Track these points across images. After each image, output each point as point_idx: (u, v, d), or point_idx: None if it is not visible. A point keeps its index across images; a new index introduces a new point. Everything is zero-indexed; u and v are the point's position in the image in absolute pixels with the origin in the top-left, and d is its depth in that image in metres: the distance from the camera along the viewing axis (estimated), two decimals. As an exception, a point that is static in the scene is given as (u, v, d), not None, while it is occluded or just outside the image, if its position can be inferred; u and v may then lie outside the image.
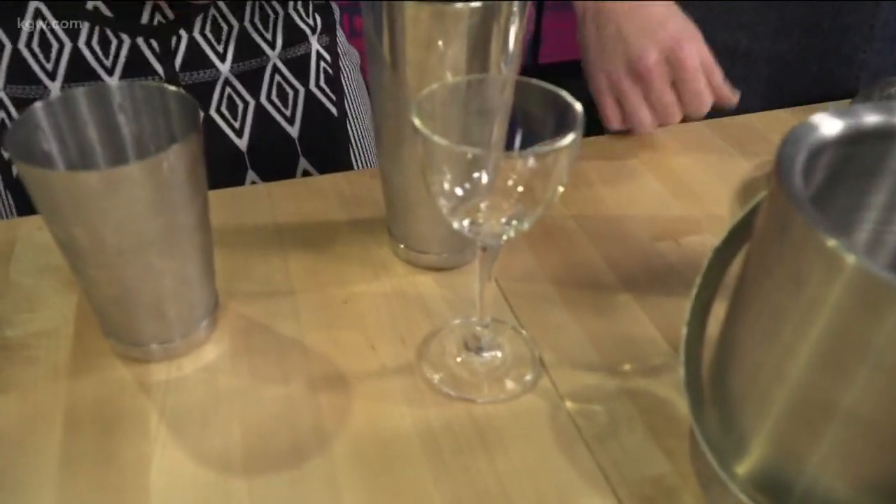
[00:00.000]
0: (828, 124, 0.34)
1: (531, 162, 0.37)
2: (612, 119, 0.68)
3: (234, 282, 0.54)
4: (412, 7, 0.43)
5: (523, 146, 0.42)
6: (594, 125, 0.88)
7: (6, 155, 0.65)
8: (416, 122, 0.37)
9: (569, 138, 0.36)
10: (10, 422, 0.45)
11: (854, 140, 0.35)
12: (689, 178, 0.67)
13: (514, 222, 0.40)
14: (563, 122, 0.38)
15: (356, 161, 0.78)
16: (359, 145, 0.78)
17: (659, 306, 0.53)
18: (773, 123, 0.76)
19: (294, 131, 0.72)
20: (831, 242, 0.28)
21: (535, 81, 0.41)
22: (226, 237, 0.57)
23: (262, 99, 0.71)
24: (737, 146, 0.72)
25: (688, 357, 0.40)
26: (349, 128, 0.77)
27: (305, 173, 0.74)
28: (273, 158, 0.72)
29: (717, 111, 0.69)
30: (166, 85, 0.44)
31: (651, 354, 0.49)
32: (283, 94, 0.72)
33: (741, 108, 0.77)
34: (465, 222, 0.41)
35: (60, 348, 0.49)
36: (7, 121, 0.64)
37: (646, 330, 0.51)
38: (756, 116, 0.76)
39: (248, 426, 0.44)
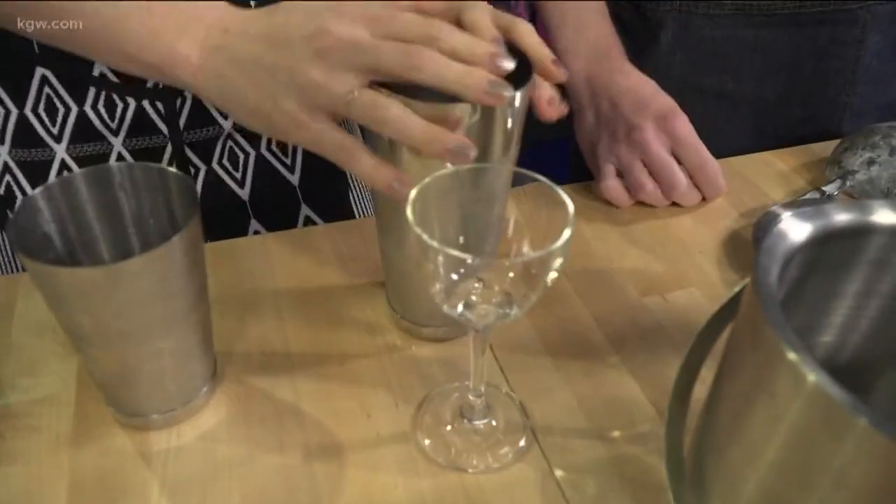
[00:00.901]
0: (800, 229, 0.35)
1: (524, 263, 0.38)
2: (613, 189, 0.69)
3: (232, 343, 0.55)
4: (409, 105, 0.43)
5: (515, 233, 0.43)
6: (586, 172, 0.89)
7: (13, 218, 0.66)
8: (410, 218, 0.39)
9: (563, 238, 0.37)
10: (15, 493, 0.46)
11: (827, 238, 0.37)
12: (677, 227, 0.69)
13: (507, 311, 0.42)
14: (555, 217, 0.40)
15: (356, 206, 0.80)
16: (358, 190, 0.79)
17: (645, 367, 0.54)
18: (759, 167, 0.77)
19: (295, 179, 0.74)
20: (793, 357, 0.30)
21: (529, 173, 0.42)
22: (223, 294, 0.59)
23: (263, 149, 0.72)
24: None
25: (669, 439, 0.42)
26: (348, 173, 0.78)
27: (308, 220, 0.75)
28: (275, 207, 0.74)
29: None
30: (166, 167, 0.45)
31: (637, 420, 0.51)
32: (282, 143, 0.73)
33: (726, 150, 0.79)
34: (460, 307, 0.43)
35: (62, 416, 0.50)
36: (14, 185, 0.65)
37: (632, 393, 0.53)
38: (741, 160, 0.78)
39: (246, 497, 0.46)
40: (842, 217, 0.37)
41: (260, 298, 0.59)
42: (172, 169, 0.45)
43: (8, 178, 0.65)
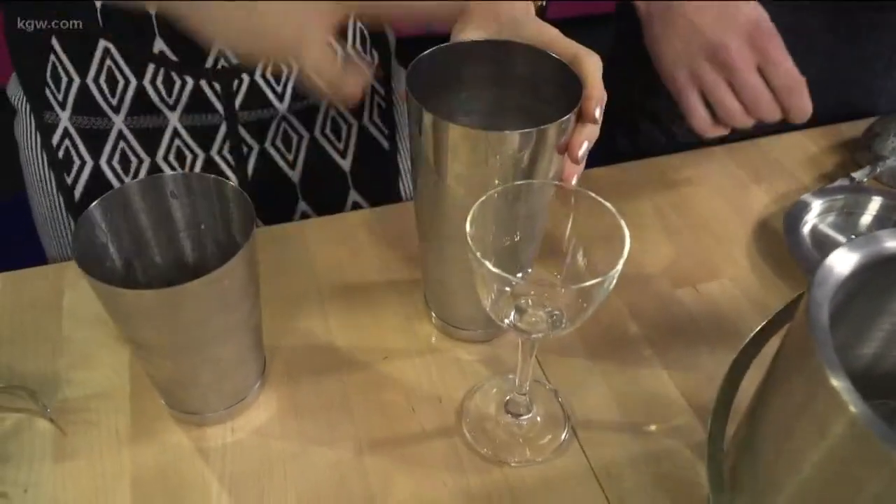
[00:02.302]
0: (850, 258, 0.36)
1: (574, 293, 0.40)
2: (702, 120, 0.64)
3: (278, 337, 0.57)
4: (457, 131, 0.43)
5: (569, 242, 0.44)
6: (613, 155, 0.89)
7: (69, 180, 0.68)
8: (469, 234, 0.40)
9: (617, 268, 0.38)
10: (82, 488, 0.48)
11: (876, 264, 0.37)
12: (706, 212, 0.69)
13: (557, 322, 0.43)
14: (609, 234, 0.41)
15: (405, 192, 0.80)
16: (408, 177, 0.79)
17: (679, 361, 0.56)
18: (788, 147, 0.77)
19: (346, 164, 0.74)
20: (839, 387, 0.31)
21: (582, 191, 0.43)
22: (267, 287, 0.59)
23: (317, 133, 0.72)
24: (752, 174, 0.74)
25: (711, 444, 0.43)
26: (399, 160, 0.78)
27: (355, 205, 0.76)
28: (324, 190, 0.74)
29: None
30: (222, 178, 0.46)
31: (672, 414, 0.53)
32: (336, 128, 0.73)
33: (759, 132, 0.78)
34: (512, 315, 0.44)
35: (119, 411, 0.52)
36: (72, 151, 0.67)
37: (667, 388, 0.54)
38: (771, 140, 0.78)
39: (302, 493, 0.48)
40: (893, 244, 0.37)
41: (303, 292, 0.61)
42: (230, 183, 0.46)
43: (67, 143, 0.66)
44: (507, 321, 0.44)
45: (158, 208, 0.47)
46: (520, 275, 0.46)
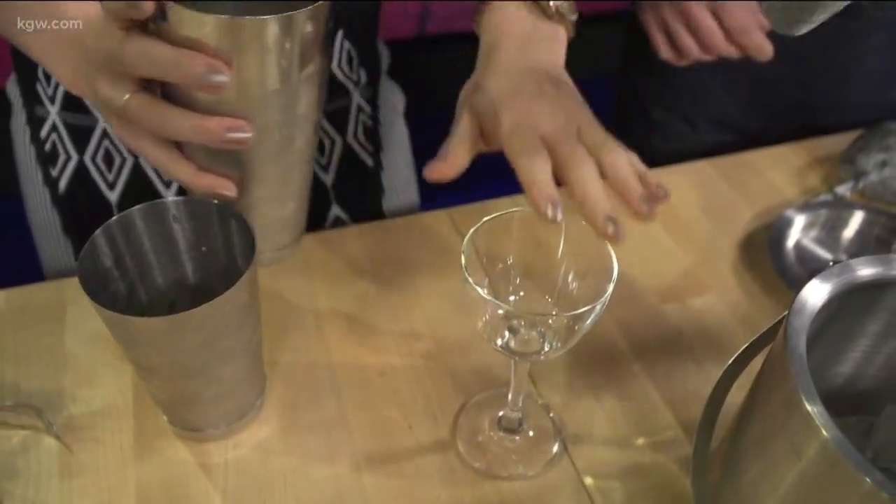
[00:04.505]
0: (826, 287, 0.38)
1: (566, 319, 0.41)
2: (661, 46, 0.77)
3: (276, 352, 0.59)
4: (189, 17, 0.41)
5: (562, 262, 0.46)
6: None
7: (54, 173, 0.70)
8: (464, 269, 0.41)
9: (607, 294, 0.40)
10: (88, 505, 0.50)
11: (851, 291, 0.39)
12: (694, 227, 0.71)
13: (548, 347, 0.45)
14: (599, 259, 0.42)
15: (387, 210, 0.81)
16: (391, 195, 0.80)
17: (666, 376, 0.58)
18: (774, 161, 0.79)
19: (328, 179, 0.75)
20: (813, 412, 0.33)
21: (573, 216, 0.45)
22: (264, 303, 0.61)
23: None
24: (739, 188, 0.76)
25: (696, 459, 0.45)
26: (383, 178, 0.79)
27: (337, 220, 0.77)
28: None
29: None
30: (223, 204, 0.47)
31: (660, 428, 0.55)
32: (319, 144, 0.74)
33: (720, 116, 0.83)
34: (506, 334, 0.46)
35: (123, 429, 0.54)
36: (59, 145, 0.69)
37: (654, 402, 0.56)
38: (756, 155, 0.80)
39: (303, 507, 0.50)
40: (866, 272, 0.39)
41: (300, 309, 0.62)
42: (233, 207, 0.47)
43: (54, 136, 0.69)
44: (499, 342, 0.45)
45: (161, 232, 0.49)
46: (512, 298, 0.48)
